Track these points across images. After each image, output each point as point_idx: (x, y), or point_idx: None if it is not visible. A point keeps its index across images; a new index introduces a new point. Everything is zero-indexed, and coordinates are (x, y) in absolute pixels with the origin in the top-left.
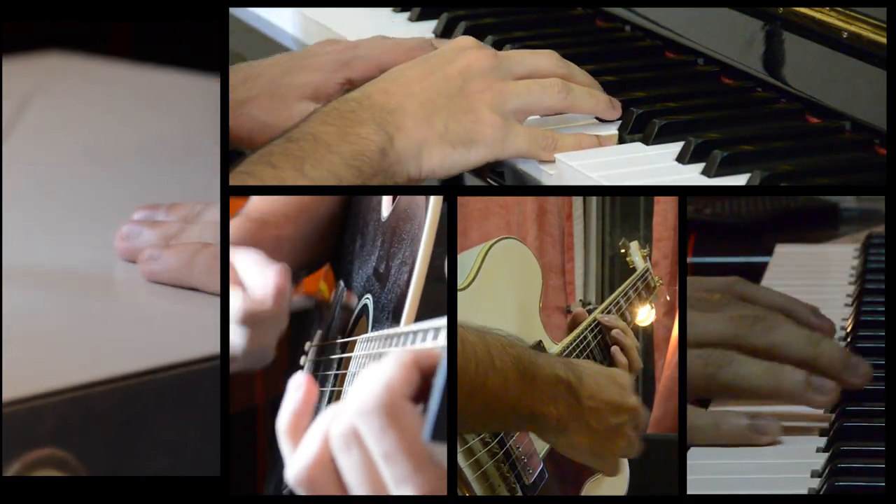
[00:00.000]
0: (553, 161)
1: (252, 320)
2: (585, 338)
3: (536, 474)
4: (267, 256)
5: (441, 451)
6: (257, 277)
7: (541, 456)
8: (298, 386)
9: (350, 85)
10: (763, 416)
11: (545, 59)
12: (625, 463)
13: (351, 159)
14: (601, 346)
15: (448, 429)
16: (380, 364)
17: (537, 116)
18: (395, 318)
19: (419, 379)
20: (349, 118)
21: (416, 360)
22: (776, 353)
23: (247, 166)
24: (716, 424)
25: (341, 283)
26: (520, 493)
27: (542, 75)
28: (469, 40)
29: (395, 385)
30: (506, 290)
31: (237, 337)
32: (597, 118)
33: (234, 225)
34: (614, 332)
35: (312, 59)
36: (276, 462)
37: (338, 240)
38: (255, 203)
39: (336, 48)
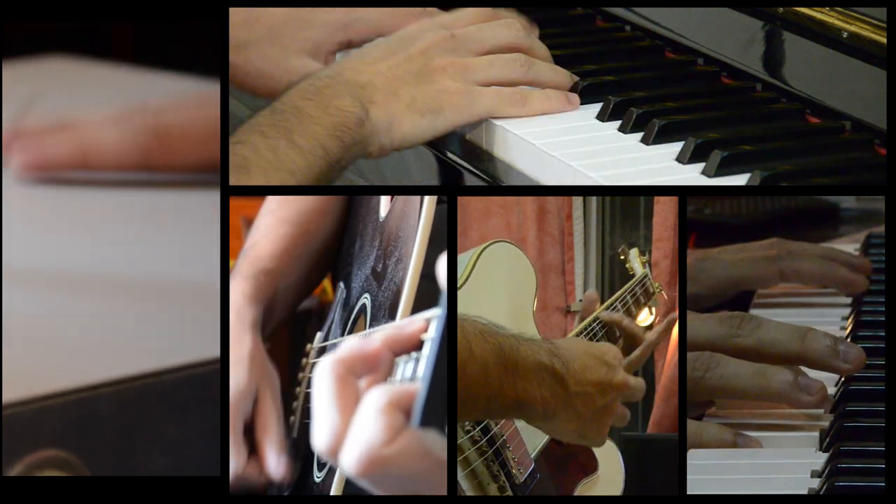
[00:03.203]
0: (523, 115)
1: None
2: (593, 329)
3: (528, 473)
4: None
5: (432, 436)
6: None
7: (533, 456)
8: (371, 343)
9: (348, 46)
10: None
11: (504, 30)
12: (619, 462)
13: (333, 130)
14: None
15: (448, 430)
16: (360, 415)
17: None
18: (391, 316)
19: (403, 418)
20: (326, 93)
21: (395, 403)
22: (765, 350)
23: (239, 136)
24: (698, 434)
25: (341, 284)
26: (510, 493)
27: (503, 48)
28: (426, 23)
29: (378, 443)
30: (498, 292)
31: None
32: None
33: (251, 283)
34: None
35: (316, 15)
36: None
37: (337, 246)
38: (265, 249)
39: (339, 9)
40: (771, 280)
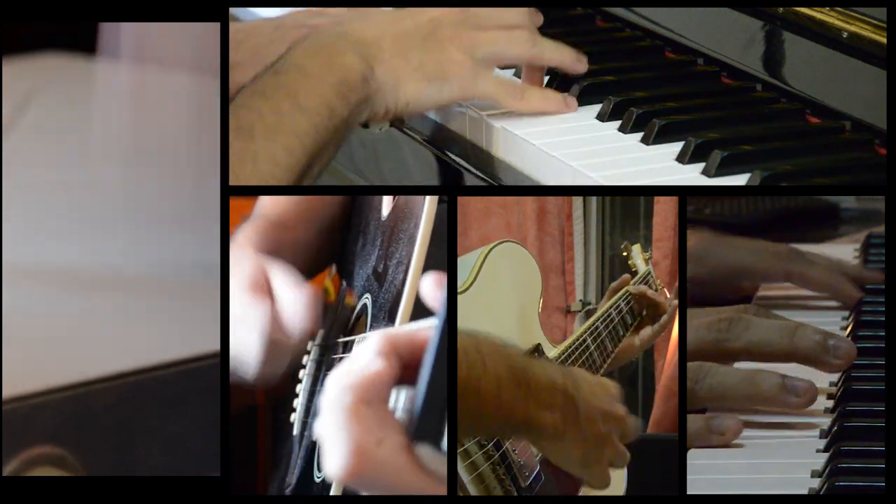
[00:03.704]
0: (520, 110)
1: (277, 347)
2: (619, 305)
3: (533, 477)
4: (296, 275)
5: (427, 452)
6: (291, 302)
7: (537, 458)
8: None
9: None
10: (720, 415)
11: (513, 14)
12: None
13: (338, 88)
14: (631, 312)
15: (448, 429)
16: (359, 354)
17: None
18: (391, 318)
19: (398, 367)
20: (330, 49)
21: (395, 348)
22: (755, 351)
23: (241, 99)
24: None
25: (344, 282)
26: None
27: (510, 27)
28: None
29: (360, 387)
30: (505, 293)
31: (254, 350)
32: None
33: (254, 227)
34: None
35: (298, 31)
36: (278, 462)
37: (341, 241)
38: (270, 203)
39: (320, 21)
40: (775, 276)
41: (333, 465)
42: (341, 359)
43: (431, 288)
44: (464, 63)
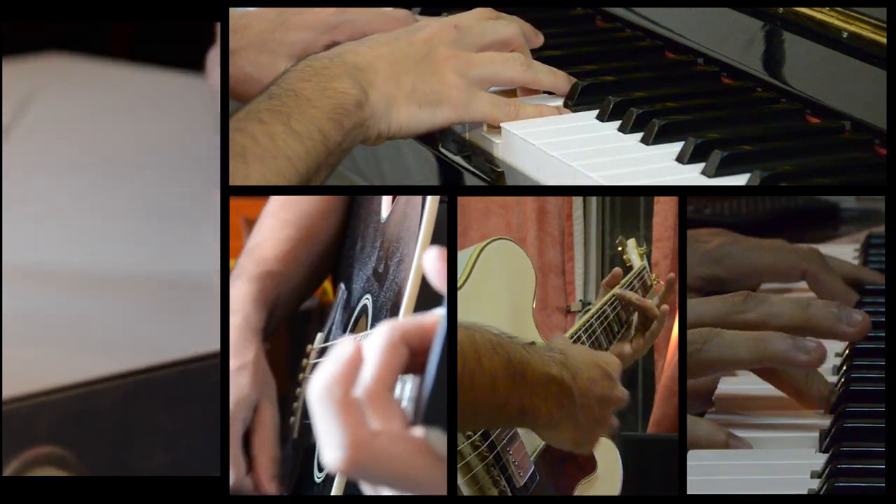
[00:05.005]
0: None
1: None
2: (605, 311)
3: (528, 476)
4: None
5: (433, 434)
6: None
7: (532, 458)
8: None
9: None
10: (739, 437)
11: (504, 27)
12: (618, 461)
13: (331, 113)
14: (618, 318)
15: (448, 426)
16: (370, 343)
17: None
18: (393, 315)
19: (406, 356)
20: (324, 74)
21: (404, 336)
22: (769, 322)
23: (236, 123)
24: (692, 429)
25: (342, 285)
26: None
27: (501, 42)
28: (431, 19)
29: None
30: (499, 290)
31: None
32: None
33: (241, 282)
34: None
35: (302, 17)
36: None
37: (339, 246)
38: (264, 253)
39: (326, 10)
40: (793, 274)
41: (331, 457)
42: None
43: (435, 264)
44: (458, 85)
